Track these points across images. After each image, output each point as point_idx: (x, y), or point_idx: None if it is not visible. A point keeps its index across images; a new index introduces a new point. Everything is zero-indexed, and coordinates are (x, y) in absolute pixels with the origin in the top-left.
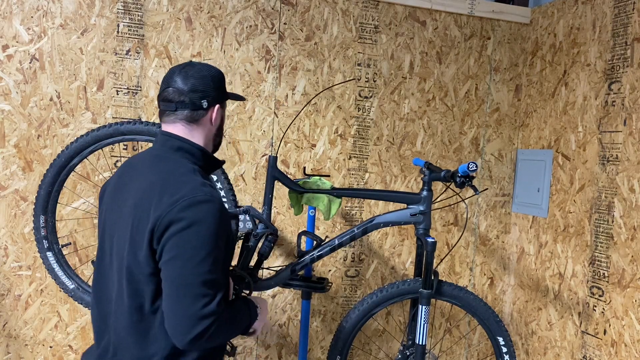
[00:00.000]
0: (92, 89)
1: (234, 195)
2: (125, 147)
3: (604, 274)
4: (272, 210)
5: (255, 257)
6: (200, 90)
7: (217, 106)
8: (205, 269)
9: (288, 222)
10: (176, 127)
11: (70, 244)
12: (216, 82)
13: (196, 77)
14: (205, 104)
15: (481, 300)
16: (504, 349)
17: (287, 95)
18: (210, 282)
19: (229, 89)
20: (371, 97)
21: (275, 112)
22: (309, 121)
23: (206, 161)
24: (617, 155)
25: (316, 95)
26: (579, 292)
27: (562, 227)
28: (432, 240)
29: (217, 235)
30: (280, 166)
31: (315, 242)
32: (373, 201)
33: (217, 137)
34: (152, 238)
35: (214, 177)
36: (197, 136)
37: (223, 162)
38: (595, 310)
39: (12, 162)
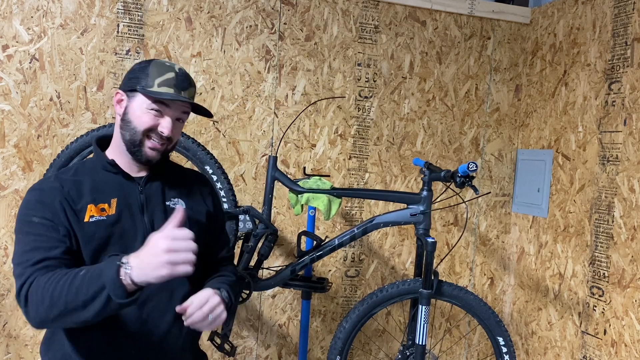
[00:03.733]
0: (92, 89)
1: (234, 195)
2: None
3: (604, 274)
4: (272, 210)
5: (255, 257)
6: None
7: (118, 91)
8: (16, 246)
9: (288, 222)
10: None
11: None
12: (133, 70)
13: None
14: (120, 88)
15: (481, 300)
16: (504, 349)
17: (287, 95)
18: (15, 264)
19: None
20: (371, 97)
21: (275, 112)
22: (309, 121)
23: (98, 158)
24: (617, 155)
25: (312, 103)
26: (579, 292)
27: (562, 227)
28: (432, 240)
29: (24, 216)
30: (280, 166)
31: (315, 242)
32: (373, 201)
33: (122, 129)
34: None
35: (214, 177)
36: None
37: (111, 161)
38: (595, 310)
39: (12, 162)
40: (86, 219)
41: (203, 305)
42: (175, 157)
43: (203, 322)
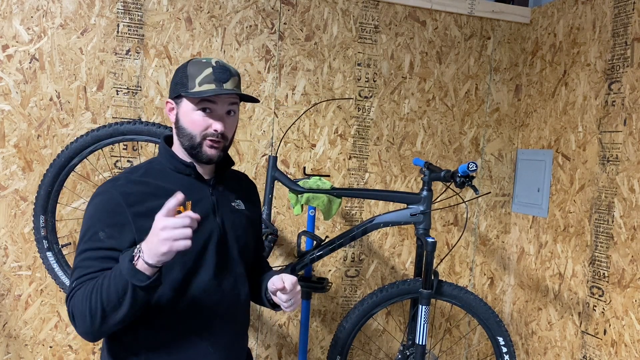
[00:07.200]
0: (92, 89)
1: None
2: (125, 147)
3: (604, 274)
4: (272, 210)
5: None
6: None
7: (167, 100)
8: (77, 250)
9: (288, 222)
10: None
11: (70, 244)
12: (175, 76)
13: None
14: (169, 97)
15: (481, 300)
16: (504, 349)
17: (287, 95)
18: (75, 265)
19: None
20: (371, 97)
21: (275, 112)
22: (309, 121)
23: (170, 160)
24: (617, 155)
25: (313, 105)
26: (579, 292)
27: (562, 227)
28: (432, 240)
29: (92, 224)
30: (280, 166)
31: (315, 242)
32: (373, 201)
33: (180, 137)
34: None
35: None
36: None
37: (190, 164)
38: (595, 310)
39: (12, 162)
40: None
41: (296, 286)
42: None
43: (297, 299)
